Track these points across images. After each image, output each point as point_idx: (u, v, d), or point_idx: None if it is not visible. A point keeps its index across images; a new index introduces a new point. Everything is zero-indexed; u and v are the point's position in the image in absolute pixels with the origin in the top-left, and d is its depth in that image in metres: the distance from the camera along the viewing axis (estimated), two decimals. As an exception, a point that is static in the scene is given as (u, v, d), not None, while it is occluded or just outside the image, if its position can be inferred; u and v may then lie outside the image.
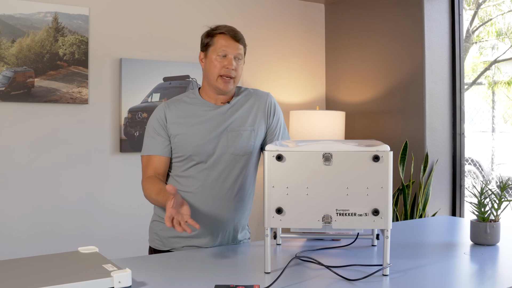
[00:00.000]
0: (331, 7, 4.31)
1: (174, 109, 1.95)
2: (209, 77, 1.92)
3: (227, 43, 1.89)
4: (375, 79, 3.90)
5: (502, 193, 1.82)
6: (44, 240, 3.22)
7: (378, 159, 1.43)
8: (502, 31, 5.16)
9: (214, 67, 1.89)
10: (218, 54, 1.89)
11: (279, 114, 2.07)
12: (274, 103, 2.06)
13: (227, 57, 1.89)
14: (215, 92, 1.94)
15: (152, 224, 2.05)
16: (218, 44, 1.90)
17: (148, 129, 1.97)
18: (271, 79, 4.10)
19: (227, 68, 1.89)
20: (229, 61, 1.89)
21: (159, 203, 1.84)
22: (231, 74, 1.89)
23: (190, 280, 1.45)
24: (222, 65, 1.89)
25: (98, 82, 3.39)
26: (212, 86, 1.93)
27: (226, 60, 1.89)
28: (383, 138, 3.75)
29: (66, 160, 3.30)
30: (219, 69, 1.89)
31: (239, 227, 2.01)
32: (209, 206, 1.92)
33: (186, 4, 3.71)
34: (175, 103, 1.97)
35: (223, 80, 1.90)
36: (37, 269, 1.37)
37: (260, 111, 2.00)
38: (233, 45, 1.90)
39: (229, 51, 1.89)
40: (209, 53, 1.91)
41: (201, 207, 1.92)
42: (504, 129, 4.83)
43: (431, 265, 1.58)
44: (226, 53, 1.89)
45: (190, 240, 1.93)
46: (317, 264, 1.54)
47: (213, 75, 1.90)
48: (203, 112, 1.94)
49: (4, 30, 3.08)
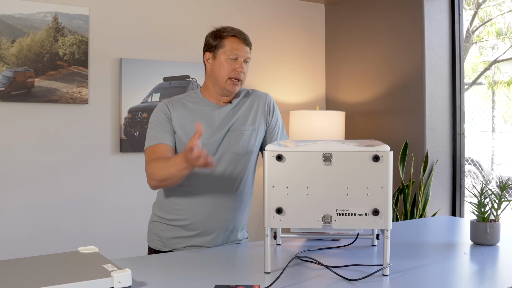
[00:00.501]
0: (331, 7, 4.31)
1: (177, 108, 1.94)
2: (218, 79, 1.92)
3: (239, 46, 1.91)
4: (375, 79, 3.90)
5: (502, 193, 1.82)
6: (44, 240, 3.22)
7: (378, 159, 1.43)
8: (502, 31, 5.16)
9: (224, 69, 1.91)
10: (229, 56, 1.90)
11: (278, 114, 2.08)
12: (273, 103, 2.08)
13: (238, 60, 1.91)
14: (221, 93, 1.95)
15: (151, 225, 2.04)
16: (229, 47, 1.90)
17: (152, 123, 1.94)
18: (271, 79, 4.10)
19: (237, 71, 1.91)
20: (240, 64, 1.91)
21: (173, 164, 1.75)
22: (240, 77, 1.92)
23: (190, 280, 1.45)
24: (233, 67, 1.90)
25: (98, 82, 3.39)
26: (219, 87, 1.94)
27: (237, 63, 1.91)
28: (383, 138, 3.75)
29: (66, 160, 3.30)
30: (230, 72, 1.90)
31: (239, 226, 2.02)
32: (210, 205, 1.92)
33: (186, 4, 3.71)
34: (177, 102, 1.97)
35: (232, 82, 1.91)
36: (37, 269, 1.37)
37: (260, 110, 2.02)
38: (243, 48, 1.92)
39: (240, 54, 1.91)
40: (219, 55, 1.92)
41: (203, 206, 1.92)
42: (504, 129, 4.83)
43: (431, 265, 1.58)
44: (237, 56, 1.91)
45: (191, 240, 1.94)
46: (317, 264, 1.54)
47: (222, 77, 1.91)
48: (206, 112, 1.95)
49: (4, 30, 3.08)
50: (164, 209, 1.98)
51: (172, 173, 1.76)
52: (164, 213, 1.97)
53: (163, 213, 1.97)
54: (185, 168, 1.71)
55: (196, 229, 1.92)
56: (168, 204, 1.97)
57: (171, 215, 1.95)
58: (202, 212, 1.92)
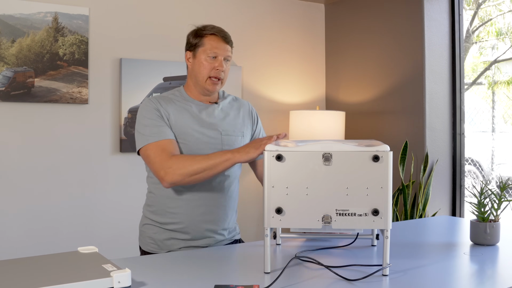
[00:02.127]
0: (331, 7, 4.30)
1: (166, 104, 1.90)
2: (198, 78, 1.92)
3: (218, 44, 1.90)
4: (375, 79, 3.90)
5: (502, 193, 1.82)
6: (43, 240, 3.22)
7: (378, 159, 1.43)
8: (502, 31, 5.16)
9: (204, 68, 1.90)
10: (208, 55, 1.89)
11: (260, 122, 2.13)
12: (255, 111, 2.12)
13: (217, 59, 1.90)
14: (202, 92, 1.95)
15: (143, 228, 2.00)
16: (208, 45, 1.90)
17: (144, 119, 1.86)
18: (271, 79, 4.10)
19: (217, 70, 1.90)
20: (219, 63, 1.90)
21: (214, 156, 1.72)
22: (220, 75, 1.91)
23: (190, 280, 1.45)
24: (212, 66, 1.90)
25: (98, 82, 3.39)
26: (200, 86, 1.93)
27: (217, 61, 1.90)
28: (383, 138, 3.75)
29: (66, 160, 3.30)
30: (209, 71, 1.90)
31: (232, 225, 2.03)
32: (203, 206, 1.92)
33: (186, 4, 3.71)
34: (164, 99, 1.92)
35: (212, 82, 1.91)
36: (36, 269, 1.37)
37: (246, 117, 2.05)
38: (223, 46, 1.92)
39: (220, 52, 1.90)
40: (198, 54, 1.91)
41: (195, 207, 1.91)
42: (504, 129, 4.83)
43: (431, 265, 1.58)
44: (216, 55, 1.90)
45: (187, 242, 1.93)
46: (316, 264, 1.54)
47: (202, 76, 1.90)
48: (194, 110, 1.94)
49: (4, 30, 3.08)
50: (156, 212, 1.95)
51: (213, 163, 1.72)
52: (156, 216, 1.94)
53: (156, 216, 1.95)
54: (228, 159, 1.71)
55: (190, 231, 1.91)
56: (160, 207, 1.94)
57: (164, 218, 1.93)
58: (195, 213, 1.91)
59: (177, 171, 1.74)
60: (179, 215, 1.91)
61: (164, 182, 1.78)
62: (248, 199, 3.78)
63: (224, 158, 1.72)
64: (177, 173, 1.74)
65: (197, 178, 1.77)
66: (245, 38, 3.95)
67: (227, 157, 1.71)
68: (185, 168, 1.74)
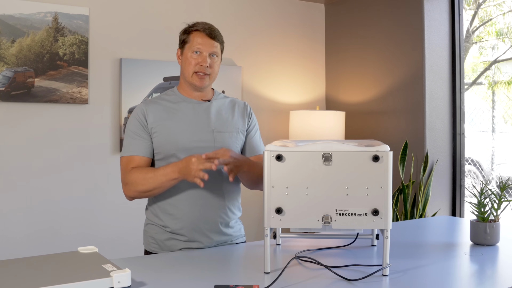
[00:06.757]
0: (331, 7, 4.31)
1: (154, 109, 1.95)
2: (185, 74, 1.96)
3: (202, 40, 1.93)
4: (375, 79, 3.90)
5: (502, 193, 1.82)
6: (43, 240, 3.22)
7: (378, 159, 1.43)
8: (502, 31, 5.16)
9: (189, 64, 1.94)
10: (192, 51, 1.93)
11: (256, 122, 2.13)
12: (251, 110, 2.13)
13: (202, 54, 1.93)
14: (191, 88, 1.98)
15: (146, 228, 2.02)
16: (193, 42, 1.93)
17: (127, 130, 1.97)
18: (271, 79, 4.10)
19: (201, 65, 1.92)
20: (203, 58, 1.93)
21: (162, 174, 1.82)
22: (205, 71, 1.94)
23: (190, 280, 1.45)
24: (197, 62, 1.93)
25: (98, 82, 3.39)
26: (188, 82, 1.97)
27: (201, 57, 1.93)
28: (383, 138, 3.75)
29: (66, 160, 3.30)
30: (194, 66, 1.93)
31: (234, 225, 2.02)
32: (201, 206, 1.91)
33: (186, 4, 3.71)
34: (151, 104, 1.98)
35: (198, 77, 1.94)
36: (36, 269, 1.37)
37: (240, 115, 2.05)
38: (208, 42, 1.94)
39: (203, 48, 1.93)
40: (185, 50, 1.96)
41: (191, 207, 1.91)
42: (504, 129, 4.82)
43: (431, 265, 1.58)
44: (200, 50, 1.93)
45: (187, 243, 1.92)
46: (316, 264, 1.54)
47: (188, 72, 1.94)
48: (186, 108, 1.96)
49: (4, 30, 3.08)
50: (155, 213, 1.96)
51: (160, 183, 1.83)
52: (156, 217, 1.96)
53: (155, 218, 1.96)
54: (175, 179, 1.81)
55: (190, 232, 1.91)
56: (158, 209, 1.95)
57: (164, 219, 1.93)
58: (194, 214, 1.91)
59: (133, 188, 1.88)
60: (178, 216, 1.91)
61: (125, 196, 1.93)
62: (248, 199, 3.78)
63: (171, 177, 1.82)
64: (133, 189, 1.88)
65: (150, 195, 1.89)
66: (245, 38, 3.94)
67: (174, 177, 1.81)
68: (139, 185, 1.86)
